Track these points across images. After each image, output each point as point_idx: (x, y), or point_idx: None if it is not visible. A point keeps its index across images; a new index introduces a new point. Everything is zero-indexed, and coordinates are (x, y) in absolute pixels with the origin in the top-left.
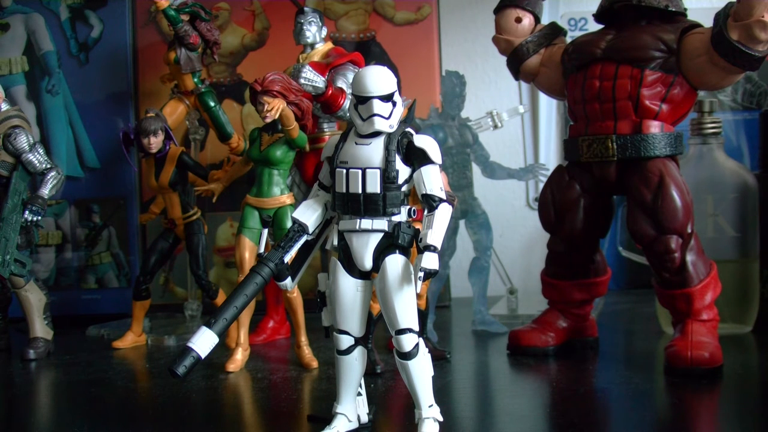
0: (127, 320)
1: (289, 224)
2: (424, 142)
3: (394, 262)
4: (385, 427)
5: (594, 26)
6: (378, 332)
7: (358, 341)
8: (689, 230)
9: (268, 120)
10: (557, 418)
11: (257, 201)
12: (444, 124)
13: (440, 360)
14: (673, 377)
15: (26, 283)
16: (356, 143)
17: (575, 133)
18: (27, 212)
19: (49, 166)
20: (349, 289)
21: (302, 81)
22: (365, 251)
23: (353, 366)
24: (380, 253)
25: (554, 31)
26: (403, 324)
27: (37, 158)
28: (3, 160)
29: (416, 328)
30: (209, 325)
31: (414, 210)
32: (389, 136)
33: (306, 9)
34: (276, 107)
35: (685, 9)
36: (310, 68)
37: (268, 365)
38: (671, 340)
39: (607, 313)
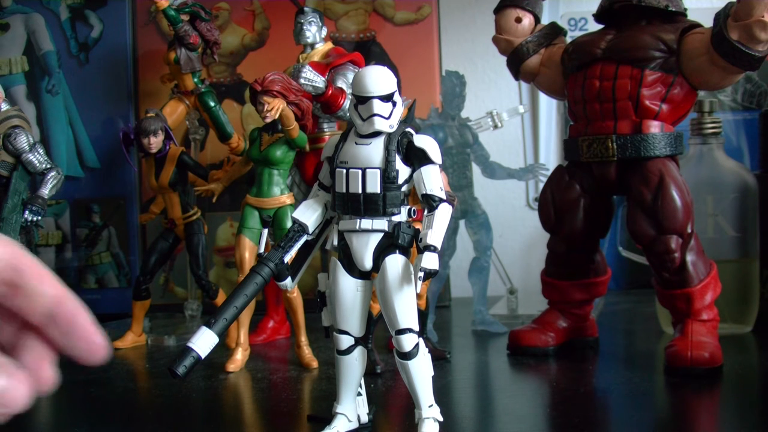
0: (127, 320)
1: (289, 224)
2: (424, 142)
3: (394, 262)
4: (385, 427)
5: (594, 26)
6: (378, 332)
7: (358, 341)
8: (689, 230)
9: (268, 120)
10: (557, 418)
11: (257, 201)
12: (444, 124)
13: (440, 360)
14: (673, 377)
15: None
16: (356, 143)
17: (575, 133)
18: (27, 212)
19: (49, 166)
20: (349, 289)
21: (302, 81)
22: (365, 251)
23: (353, 366)
24: (380, 253)
25: (554, 31)
26: (403, 324)
27: (37, 158)
28: (3, 160)
29: (416, 328)
30: (209, 325)
31: (414, 210)
32: (389, 136)
33: (306, 9)
34: (276, 107)
35: (685, 9)
36: (310, 68)
37: (268, 365)
38: (671, 340)
39: (607, 313)
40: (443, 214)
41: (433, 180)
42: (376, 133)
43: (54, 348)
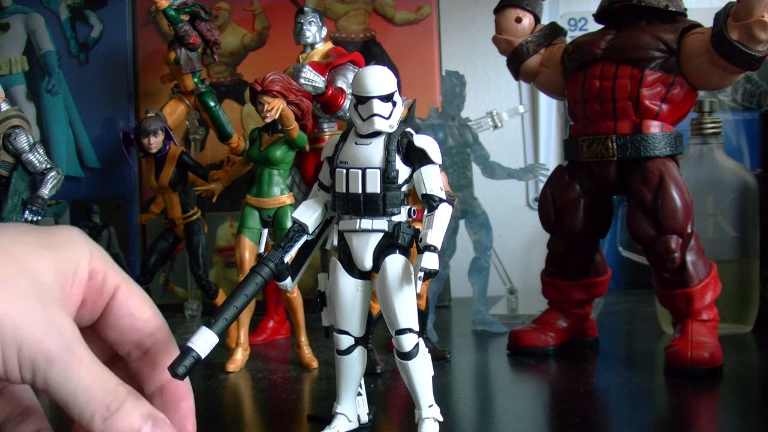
0: None
1: (289, 224)
2: (424, 142)
3: (394, 262)
4: (385, 427)
5: (594, 26)
6: (378, 332)
7: (358, 341)
8: (689, 230)
9: (268, 120)
10: (557, 418)
11: (257, 201)
12: (444, 124)
13: (440, 360)
14: (673, 377)
15: None
16: (356, 143)
17: (575, 133)
18: (27, 212)
19: (49, 166)
20: (349, 289)
21: (302, 81)
22: (365, 251)
23: (353, 366)
24: (380, 253)
25: (554, 31)
26: (403, 324)
27: (37, 158)
28: (3, 160)
29: (416, 328)
30: (209, 325)
31: (414, 210)
32: (389, 136)
33: (306, 9)
34: (276, 107)
35: (685, 9)
36: (310, 68)
37: (268, 365)
38: (671, 340)
39: (607, 313)
40: (443, 214)
41: (433, 180)
42: (376, 133)
43: None
